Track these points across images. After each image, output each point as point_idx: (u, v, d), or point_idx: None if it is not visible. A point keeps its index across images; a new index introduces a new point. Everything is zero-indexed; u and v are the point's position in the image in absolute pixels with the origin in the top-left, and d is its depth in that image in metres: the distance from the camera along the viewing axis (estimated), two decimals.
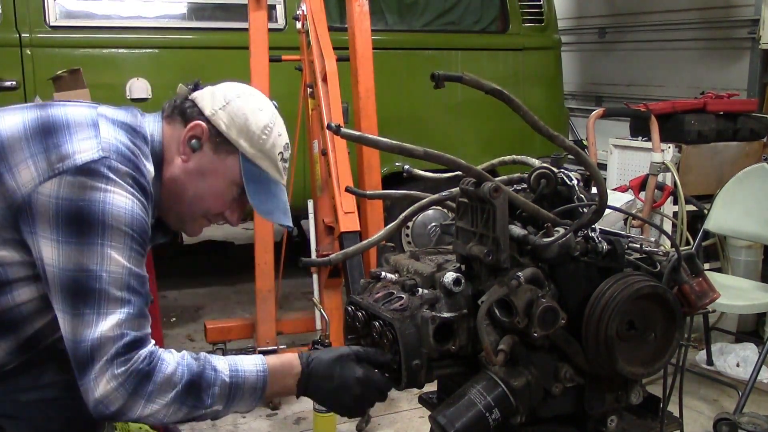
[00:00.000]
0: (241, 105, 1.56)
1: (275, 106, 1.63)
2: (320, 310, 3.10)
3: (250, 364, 1.44)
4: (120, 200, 1.36)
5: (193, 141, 1.54)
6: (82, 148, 1.37)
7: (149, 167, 1.48)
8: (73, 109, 1.46)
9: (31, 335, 1.48)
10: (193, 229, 1.64)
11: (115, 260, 1.35)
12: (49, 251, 1.34)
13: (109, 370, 1.32)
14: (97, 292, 1.33)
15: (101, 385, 1.32)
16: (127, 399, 1.33)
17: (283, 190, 1.63)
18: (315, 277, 3.37)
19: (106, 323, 1.33)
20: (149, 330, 1.40)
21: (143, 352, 1.36)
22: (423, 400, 1.60)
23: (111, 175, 1.36)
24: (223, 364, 1.42)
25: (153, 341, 1.39)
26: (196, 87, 1.61)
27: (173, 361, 1.38)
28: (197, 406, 1.38)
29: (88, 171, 1.35)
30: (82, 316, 1.33)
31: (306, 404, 3.24)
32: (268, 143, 1.56)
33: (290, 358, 1.47)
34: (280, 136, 1.59)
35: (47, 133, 1.39)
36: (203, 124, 1.54)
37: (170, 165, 1.55)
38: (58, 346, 1.52)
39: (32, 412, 1.48)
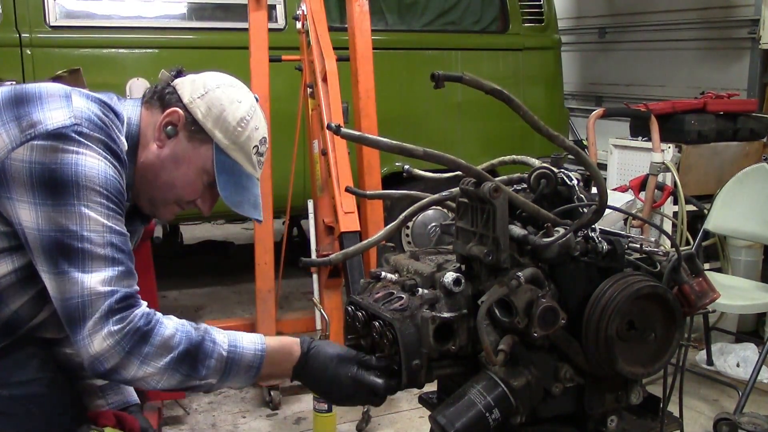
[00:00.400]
0: (220, 95, 1.56)
1: (256, 99, 1.63)
2: (320, 310, 3.10)
3: (249, 342, 1.44)
4: (92, 162, 1.38)
5: (169, 128, 1.55)
6: (53, 116, 1.39)
7: (123, 140, 1.49)
8: (46, 84, 1.48)
9: (10, 317, 1.48)
10: (164, 213, 1.65)
11: (94, 219, 1.36)
12: (27, 214, 1.36)
13: (105, 327, 1.33)
14: (80, 251, 1.35)
15: (96, 342, 1.33)
16: (123, 357, 1.34)
17: (255, 183, 1.63)
18: (315, 277, 3.37)
19: (93, 279, 1.34)
20: (137, 287, 1.41)
21: (139, 311, 1.37)
22: (423, 400, 1.60)
23: (82, 139, 1.38)
24: (222, 338, 1.42)
25: (146, 302, 1.40)
26: (179, 74, 1.61)
27: (172, 325, 1.39)
28: (191, 375, 1.39)
29: (59, 135, 1.37)
30: (67, 273, 1.34)
31: (306, 404, 3.24)
32: (243, 136, 1.57)
33: (290, 344, 1.47)
34: (257, 129, 1.60)
35: (19, 103, 1.40)
36: (180, 111, 1.55)
37: (145, 149, 1.56)
38: (40, 334, 1.53)
39: (15, 408, 1.48)
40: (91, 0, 4.31)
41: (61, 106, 1.41)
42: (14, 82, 3.88)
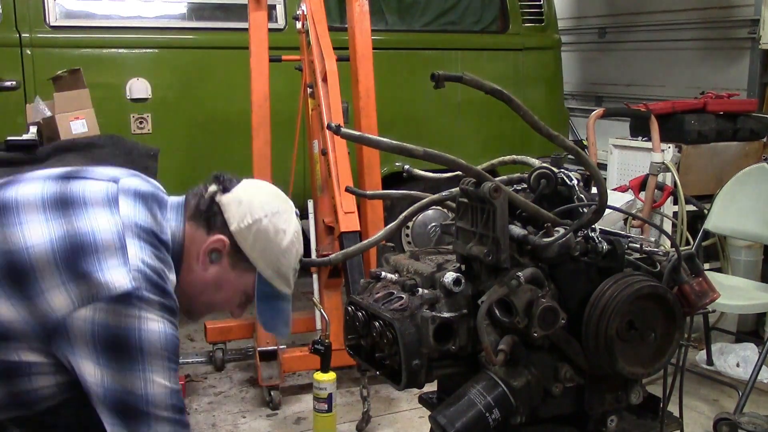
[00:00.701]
0: (267, 226, 1.56)
1: (297, 215, 1.66)
2: (320, 310, 3.10)
3: None
4: (154, 326, 1.40)
5: (214, 254, 1.56)
6: (113, 278, 1.39)
7: (172, 278, 1.50)
8: (96, 218, 1.45)
9: (44, 410, 1.52)
10: (197, 318, 1.71)
11: (158, 383, 1.41)
12: (92, 370, 1.39)
13: None
14: (146, 414, 1.39)
15: None
16: None
17: (289, 300, 1.66)
18: (315, 277, 3.37)
19: None
20: None
21: None
22: (423, 400, 1.60)
23: (143, 305, 1.40)
24: None
25: None
26: (224, 187, 1.59)
27: None
28: None
29: (122, 301, 1.38)
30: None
31: (306, 404, 3.24)
32: (285, 266, 1.59)
33: None
34: (297, 254, 1.61)
35: (76, 257, 1.39)
36: (226, 239, 1.55)
37: (189, 270, 1.57)
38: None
39: None
40: (91, 0, 4.31)
41: (118, 264, 1.40)
42: (14, 83, 3.89)
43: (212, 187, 1.59)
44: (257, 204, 1.58)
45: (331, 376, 2.83)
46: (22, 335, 1.38)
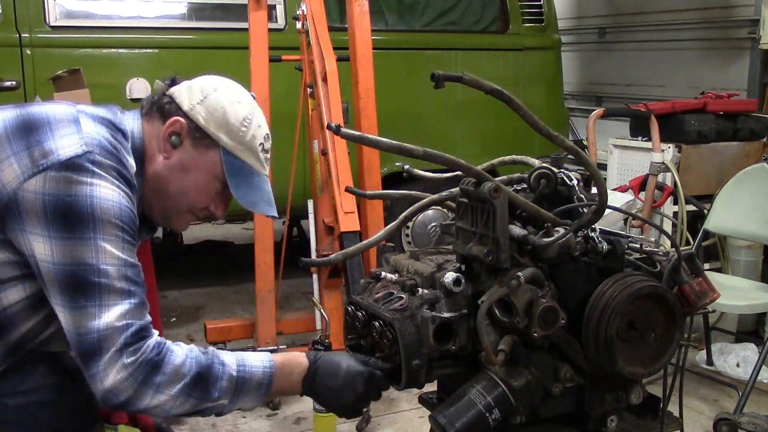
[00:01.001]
0: (219, 98, 1.56)
1: (253, 97, 1.64)
2: (320, 310, 3.10)
3: (257, 360, 1.46)
4: (107, 193, 1.38)
5: (173, 137, 1.55)
6: (64, 144, 1.38)
7: (131, 161, 1.49)
8: (52, 107, 1.47)
9: (18, 338, 1.48)
10: (178, 224, 1.65)
11: (110, 252, 1.36)
12: (42, 247, 1.35)
13: (119, 361, 1.34)
14: (97, 285, 1.35)
15: (111, 375, 1.34)
16: (136, 389, 1.35)
17: (266, 180, 1.65)
18: (315, 277, 3.37)
19: (111, 314, 1.34)
20: (149, 317, 1.41)
21: (151, 341, 1.38)
22: (423, 400, 1.60)
23: (95, 168, 1.38)
24: (230, 359, 1.44)
25: (156, 332, 1.41)
26: (173, 82, 1.60)
27: (182, 353, 1.40)
28: (204, 398, 1.40)
29: (73, 166, 1.36)
30: (84, 308, 1.34)
31: (306, 404, 3.24)
32: (248, 135, 1.57)
33: (297, 355, 1.49)
34: (259, 127, 1.61)
35: (28, 131, 1.40)
36: (182, 119, 1.54)
37: (152, 162, 1.56)
38: (45, 348, 1.53)
39: (21, 416, 1.48)
40: (91, 0, 4.31)
41: (71, 132, 1.40)
42: (14, 83, 3.89)
43: (160, 85, 1.60)
44: (207, 82, 1.59)
45: None
46: None
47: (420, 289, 1.38)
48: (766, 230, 3.40)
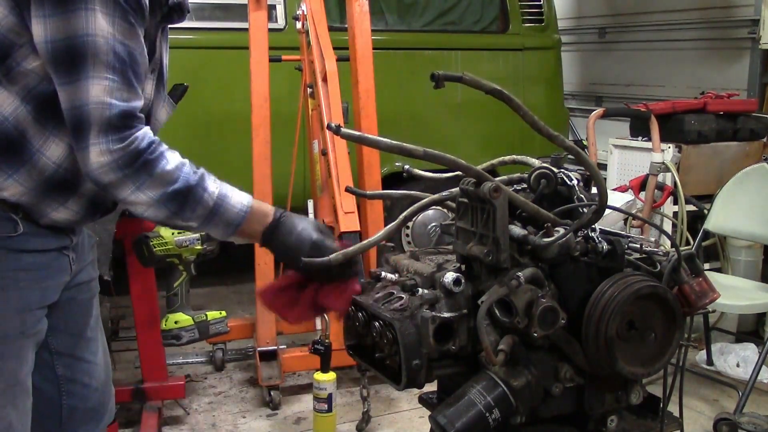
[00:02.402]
0: None
1: None
2: None
3: (237, 200, 1.49)
4: None
5: None
6: None
7: None
8: None
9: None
10: None
11: (101, 25, 1.34)
12: (39, 29, 1.34)
13: (102, 143, 1.35)
14: (86, 56, 1.33)
15: (94, 155, 1.36)
16: (119, 178, 1.37)
17: None
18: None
19: (95, 88, 1.34)
20: (139, 104, 1.41)
21: (140, 134, 1.38)
22: (423, 400, 1.60)
23: None
24: (214, 187, 1.47)
25: (147, 127, 1.42)
26: None
27: (174, 162, 1.42)
28: (176, 213, 1.43)
29: None
30: (76, 82, 1.34)
31: (306, 404, 3.24)
32: None
33: (268, 209, 1.52)
34: None
35: None
36: None
37: None
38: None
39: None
40: None
41: None
42: None
43: None
44: None
45: (331, 376, 2.83)
46: None
47: (420, 289, 1.38)
48: (766, 230, 3.41)
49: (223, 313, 2.30)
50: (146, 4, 1.43)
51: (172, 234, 2.33)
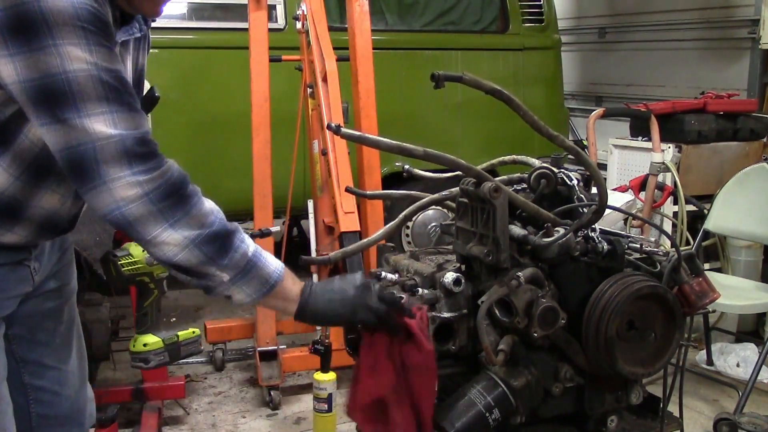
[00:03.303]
0: None
1: None
2: None
3: (272, 260, 1.37)
4: None
5: None
6: None
7: None
8: None
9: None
10: (144, 7, 1.52)
11: (77, 57, 1.23)
12: (8, 69, 1.24)
13: (128, 175, 1.24)
14: (67, 94, 1.23)
15: (119, 191, 1.23)
16: (152, 212, 1.25)
17: None
18: (315, 276, 3.37)
19: (96, 126, 1.24)
20: (148, 128, 1.31)
21: (171, 163, 1.29)
22: None
23: None
24: (250, 241, 1.35)
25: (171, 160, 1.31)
26: None
27: (209, 203, 1.32)
28: (213, 259, 1.29)
29: None
30: (66, 121, 1.24)
31: (306, 404, 3.24)
32: None
33: (298, 282, 1.40)
34: None
35: None
36: None
37: None
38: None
39: None
40: None
41: None
42: None
43: None
44: None
45: (331, 376, 2.83)
46: None
47: (420, 289, 1.38)
48: (766, 230, 3.40)
49: (197, 331, 2.23)
50: (110, 22, 1.34)
51: (143, 251, 2.29)
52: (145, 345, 2.23)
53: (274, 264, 1.35)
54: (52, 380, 1.69)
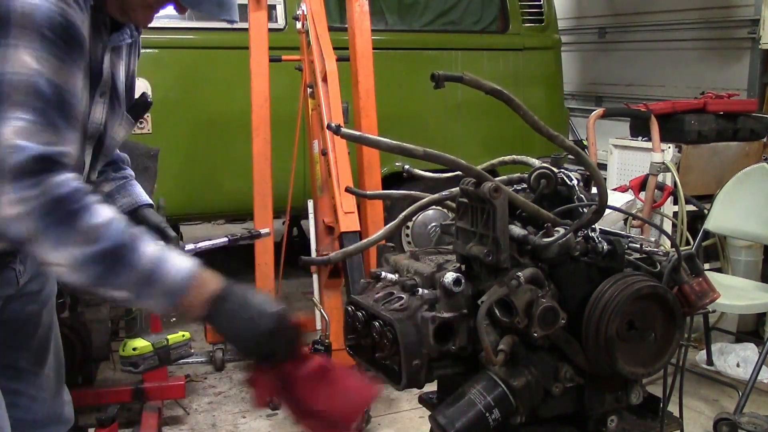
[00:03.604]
0: None
1: None
2: (320, 310, 3.10)
3: (179, 268, 1.24)
4: None
5: None
6: None
7: None
8: None
9: None
10: (139, 17, 1.48)
11: (22, 61, 1.19)
12: None
13: (13, 191, 1.15)
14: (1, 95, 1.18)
15: (4, 207, 1.15)
16: (34, 231, 1.16)
17: None
18: (315, 277, 3.37)
19: (6, 130, 1.17)
20: (65, 149, 1.22)
21: (62, 179, 1.18)
22: (423, 400, 1.59)
23: None
24: (151, 253, 1.21)
25: (74, 174, 1.21)
26: None
27: (103, 215, 1.19)
28: (104, 279, 1.19)
29: None
30: None
31: None
32: None
33: (214, 276, 1.30)
34: None
35: None
36: None
37: None
38: None
39: None
40: None
41: None
42: None
43: None
44: None
45: None
46: None
47: (420, 289, 1.38)
48: (766, 230, 3.41)
49: (187, 335, 2.21)
50: (83, 35, 1.30)
51: None
52: (134, 349, 2.22)
53: (177, 276, 1.23)
54: (29, 384, 1.67)
